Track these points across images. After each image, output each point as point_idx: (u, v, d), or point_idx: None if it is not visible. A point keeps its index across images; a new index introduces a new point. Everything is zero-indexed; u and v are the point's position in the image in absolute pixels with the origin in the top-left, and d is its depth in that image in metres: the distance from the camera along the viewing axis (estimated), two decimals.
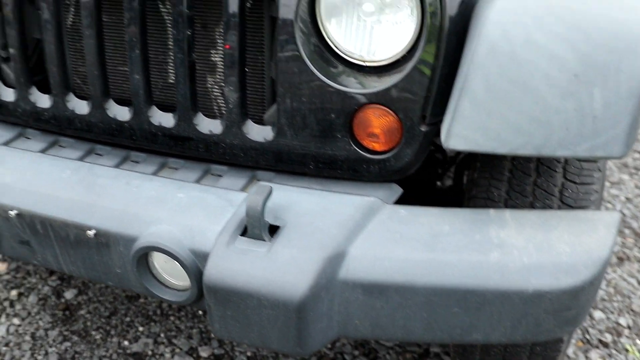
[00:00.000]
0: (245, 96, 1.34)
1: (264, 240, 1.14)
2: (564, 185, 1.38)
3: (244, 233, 1.17)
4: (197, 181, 1.41)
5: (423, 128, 1.23)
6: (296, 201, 1.22)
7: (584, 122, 1.11)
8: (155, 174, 1.45)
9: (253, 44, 1.34)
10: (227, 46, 1.28)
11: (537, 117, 1.11)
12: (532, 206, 1.39)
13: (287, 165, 1.36)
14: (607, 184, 2.88)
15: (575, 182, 1.38)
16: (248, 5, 1.31)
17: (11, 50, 1.51)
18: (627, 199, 2.80)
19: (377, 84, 1.23)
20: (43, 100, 1.54)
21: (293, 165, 1.36)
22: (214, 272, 1.13)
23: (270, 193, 1.15)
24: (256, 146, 1.36)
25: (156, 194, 1.30)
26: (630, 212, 2.75)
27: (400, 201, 1.32)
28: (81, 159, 1.52)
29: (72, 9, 1.52)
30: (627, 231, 2.64)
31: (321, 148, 1.30)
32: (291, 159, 1.34)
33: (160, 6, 1.40)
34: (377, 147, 1.28)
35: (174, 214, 1.24)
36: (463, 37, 1.19)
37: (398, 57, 1.23)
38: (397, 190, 1.33)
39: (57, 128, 1.56)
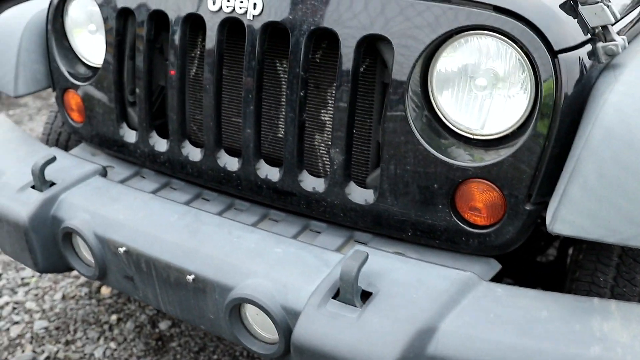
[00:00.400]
0: (350, 158, 1.36)
1: (355, 306, 1.14)
2: None
3: (336, 296, 1.17)
4: (295, 236, 1.44)
5: (528, 207, 1.20)
6: (391, 269, 1.21)
7: None
8: (256, 224, 1.50)
9: (363, 108, 1.37)
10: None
11: None
12: None
13: (385, 230, 1.37)
14: None
15: None
16: (361, 70, 1.34)
17: (137, 96, 1.63)
18: None
19: (484, 158, 1.22)
20: (160, 144, 1.64)
21: (391, 230, 1.36)
22: (303, 331, 1.14)
23: (365, 260, 1.15)
24: (356, 208, 1.37)
25: (255, 246, 1.34)
26: None
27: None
28: (189, 202, 1.60)
29: (197, 62, 1.62)
30: None
31: (421, 216, 1.30)
32: (390, 224, 1.34)
33: (278, 66, 1.47)
34: (478, 221, 1.26)
35: (270, 269, 1.27)
36: (578, 117, 1.16)
37: (508, 132, 1.21)
38: (495, 267, 1.29)
39: (170, 171, 1.65)
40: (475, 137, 1.25)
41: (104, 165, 1.73)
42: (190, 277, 1.33)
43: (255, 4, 1.37)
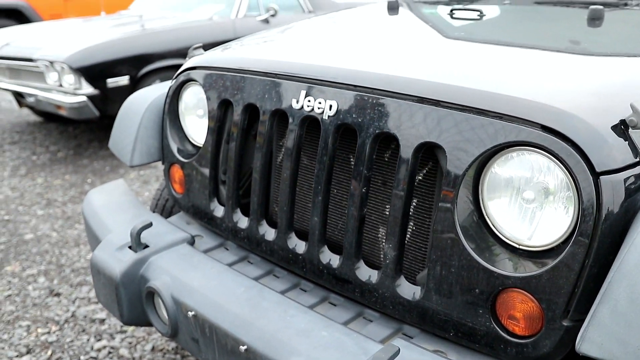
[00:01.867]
0: (402, 254, 1.44)
1: None
2: None
3: None
4: (347, 322, 1.52)
5: (565, 322, 1.20)
6: None
7: None
8: (314, 306, 1.59)
9: (421, 209, 1.45)
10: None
11: None
12: None
13: (429, 327, 1.41)
14: None
15: None
16: (422, 174, 1.43)
17: (227, 176, 1.82)
18: None
19: (525, 269, 1.24)
20: (242, 221, 1.81)
21: (435, 328, 1.40)
22: None
23: (395, 354, 1.21)
24: (404, 302, 1.43)
25: (305, 327, 1.43)
26: None
27: None
28: (259, 277, 1.73)
29: (282, 152, 1.79)
30: None
31: (462, 318, 1.33)
32: (434, 322, 1.39)
33: (346, 162, 1.60)
34: (516, 330, 1.27)
35: (312, 350, 1.36)
36: (620, 239, 1.16)
37: (550, 247, 1.24)
38: None
39: (248, 246, 1.81)
40: (520, 247, 1.28)
41: (193, 235, 1.93)
42: (243, 348, 1.44)
43: (331, 106, 1.52)
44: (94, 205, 2.18)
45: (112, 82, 4.71)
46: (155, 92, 2.22)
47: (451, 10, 2.13)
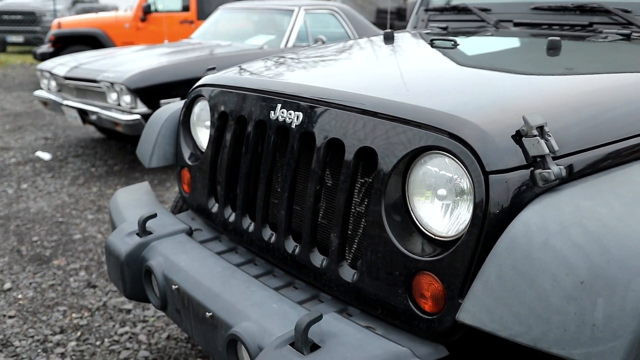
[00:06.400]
0: (345, 242, 1.68)
1: (302, 354, 1.44)
2: None
3: (294, 344, 1.48)
4: (302, 302, 1.77)
5: (461, 301, 1.41)
6: (345, 333, 1.48)
7: (583, 328, 1.18)
8: (279, 288, 1.85)
9: (359, 203, 1.69)
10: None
11: (538, 312, 1.22)
12: None
13: (363, 306, 1.64)
14: None
15: None
16: (361, 175, 1.68)
17: (221, 177, 2.12)
18: None
19: (433, 255, 1.47)
20: (232, 217, 2.10)
21: (367, 307, 1.63)
22: None
23: (317, 319, 1.45)
24: (345, 285, 1.67)
25: (260, 300, 1.69)
26: None
27: None
28: (241, 264, 2.01)
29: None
30: None
31: (387, 298, 1.56)
32: (367, 302, 1.62)
33: (308, 165, 1.86)
34: (426, 307, 1.49)
35: (261, 317, 1.62)
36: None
37: (458, 236, 1.45)
38: (441, 352, 1.49)
39: (235, 238, 2.09)
40: (435, 237, 1.51)
41: (193, 228, 2.23)
42: (208, 314, 1.72)
43: (298, 117, 1.80)
44: (118, 202, 2.53)
45: (165, 102, 5.16)
46: (175, 106, 2.57)
47: (431, 40, 2.38)
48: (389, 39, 2.60)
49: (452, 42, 2.27)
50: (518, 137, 1.42)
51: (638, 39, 2.34)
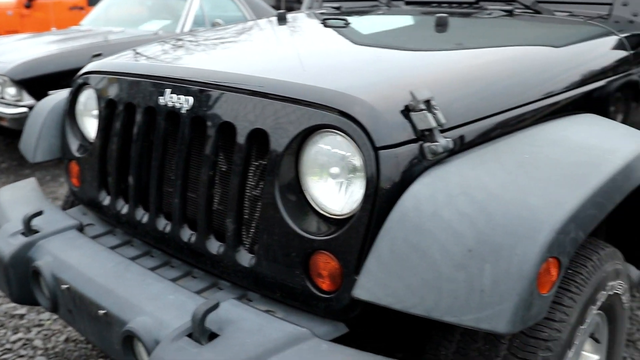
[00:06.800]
0: (240, 227, 1.64)
1: (200, 344, 1.39)
2: (506, 357, 1.42)
3: (192, 335, 1.43)
4: (200, 292, 1.71)
5: (357, 277, 1.41)
6: (243, 319, 1.46)
7: (472, 294, 1.22)
8: (177, 279, 1.79)
9: (254, 186, 1.66)
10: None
11: (430, 283, 1.24)
12: None
13: (262, 290, 1.61)
14: None
15: (516, 356, 1.41)
16: (254, 162, 1.64)
17: (112, 167, 2.02)
18: None
19: (328, 234, 1.46)
20: (124, 208, 2.00)
21: (266, 291, 1.60)
22: (155, 358, 1.40)
23: (214, 307, 1.41)
24: (243, 270, 1.63)
25: (156, 292, 1.63)
26: None
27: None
28: (136, 257, 1.93)
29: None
30: None
31: (285, 280, 1.54)
32: (265, 285, 1.59)
33: (200, 150, 1.80)
34: (324, 286, 1.48)
35: (157, 310, 1.55)
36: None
37: (352, 213, 1.45)
38: (341, 329, 1.49)
39: (129, 230, 2.00)
40: (331, 215, 1.50)
41: (84, 223, 2.12)
42: (102, 312, 1.63)
43: (188, 101, 1.73)
44: (1, 201, 2.36)
45: (54, 93, 4.88)
46: (59, 96, 2.42)
47: (324, 20, 2.37)
48: (282, 20, 2.57)
49: (344, 21, 2.27)
50: (406, 112, 1.43)
51: (520, 15, 2.44)
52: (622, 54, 2.22)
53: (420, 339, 1.68)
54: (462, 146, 1.52)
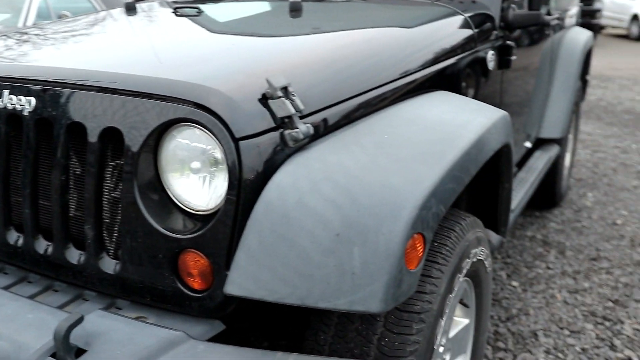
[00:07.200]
0: (101, 233, 1.55)
1: None
2: (383, 334, 1.46)
3: (56, 354, 1.32)
4: (63, 305, 1.59)
5: (227, 273, 1.38)
6: (111, 329, 1.37)
7: (343, 278, 1.22)
8: (35, 295, 1.65)
9: (112, 188, 1.56)
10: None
11: (301, 271, 1.24)
12: (352, 353, 1.47)
13: (131, 296, 1.53)
14: (565, 332, 2.79)
15: (392, 332, 1.45)
16: (111, 162, 1.54)
17: None
18: (583, 349, 2.68)
19: (194, 231, 1.41)
20: None
21: (136, 296, 1.52)
22: None
23: (78, 321, 1.31)
24: (108, 277, 1.54)
25: (11, 313, 1.49)
26: None
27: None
28: None
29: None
30: None
31: (154, 283, 1.47)
32: (133, 291, 1.51)
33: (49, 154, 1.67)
34: (195, 286, 1.43)
35: (14, 332, 1.42)
36: None
37: (215, 210, 1.41)
38: (217, 327, 1.45)
39: None
40: (195, 212, 1.45)
41: None
42: None
43: (30, 102, 1.59)
44: None
45: None
46: None
47: (175, 9, 2.28)
48: (130, 10, 2.44)
49: (197, 10, 2.20)
50: (264, 100, 1.41)
51: None
52: (468, 32, 2.33)
53: (301, 325, 1.68)
54: (324, 131, 1.53)
